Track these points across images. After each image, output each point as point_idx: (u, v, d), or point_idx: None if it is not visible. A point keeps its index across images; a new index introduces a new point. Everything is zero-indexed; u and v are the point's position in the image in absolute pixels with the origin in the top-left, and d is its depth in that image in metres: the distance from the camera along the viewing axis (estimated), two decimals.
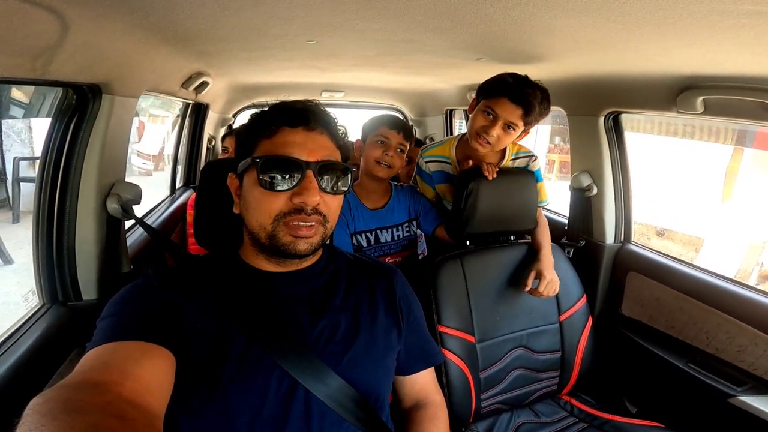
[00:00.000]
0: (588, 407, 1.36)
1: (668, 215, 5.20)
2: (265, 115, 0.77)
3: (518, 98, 1.24)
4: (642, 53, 1.04)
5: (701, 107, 1.21)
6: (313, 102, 0.78)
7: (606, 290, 1.68)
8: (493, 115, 1.28)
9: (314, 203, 0.71)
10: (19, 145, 4.53)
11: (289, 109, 0.76)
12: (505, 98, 1.26)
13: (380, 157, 1.38)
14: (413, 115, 3.29)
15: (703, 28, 0.77)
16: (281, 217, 0.72)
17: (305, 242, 0.73)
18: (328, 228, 0.76)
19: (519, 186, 1.38)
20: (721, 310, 1.30)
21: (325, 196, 0.74)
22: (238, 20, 0.94)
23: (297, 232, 0.72)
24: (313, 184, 0.71)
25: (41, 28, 0.74)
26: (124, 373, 0.56)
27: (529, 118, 1.26)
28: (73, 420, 0.45)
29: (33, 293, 1.20)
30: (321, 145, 0.75)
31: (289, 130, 0.74)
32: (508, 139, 1.32)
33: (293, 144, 0.72)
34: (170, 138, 6.30)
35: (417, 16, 0.89)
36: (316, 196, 0.71)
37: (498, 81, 1.29)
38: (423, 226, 1.53)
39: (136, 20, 0.89)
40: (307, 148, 0.73)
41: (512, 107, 1.25)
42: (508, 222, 1.38)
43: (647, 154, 5.70)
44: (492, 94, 1.29)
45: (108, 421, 0.46)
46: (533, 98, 1.24)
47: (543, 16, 0.82)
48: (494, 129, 1.27)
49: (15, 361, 0.90)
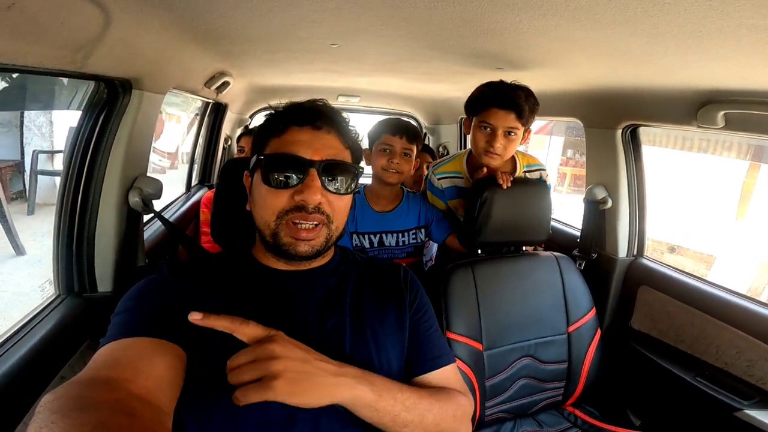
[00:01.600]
0: (592, 419, 1.35)
1: (679, 231, 5.13)
2: (276, 114, 0.78)
3: (506, 103, 1.27)
4: (664, 66, 1.04)
5: (722, 122, 1.20)
6: (322, 101, 0.79)
7: (616, 303, 1.67)
8: (490, 127, 1.30)
9: (315, 202, 0.71)
10: (38, 139, 4.63)
11: (297, 108, 0.77)
12: (493, 108, 1.28)
13: (387, 165, 1.39)
14: (427, 123, 3.30)
15: (729, 42, 0.77)
16: (283, 214, 0.72)
17: (306, 244, 0.72)
18: (333, 229, 0.75)
19: (533, 196, 1.38)
20: (733, 325, 1.29)
21: (330, 196, 0.73)
22: (268, 21, 0.96)
23: (298, 234, 0.71)
24: (315, 182, 0.71)
25: (86, 22, 0.77)
26: (135, 370, 0.56)
27: (523, 119, 1.29)
28: (83, 417, 0.46)
29: (50, 283, 1.22)
30: (327, 144, 0.74)
31: (296, 129, 0.74)
32: (514, 145, 1.34)
33: (299, 143, 0.73)
34: (186, 137, 6.38)
35: (441, 24, 0.90)
36: (316, 194, 0.70)
37: (481, 95, 1.32)
38: (434, 234, 1.52)
39: (173, 17, 0.91)
40: (313, 146, 0.72)
41: (504, 114, 1.28)
42: (520, 232, 1.38)
43: (660, 168, 5.64)
44: (480, 108, 1.32)
45: (117, 419, 0.47)
46: (519, 99, 1.26)
47: (568, 27, 0.82)
48: (497, 140, 1.30)
49: (28, 350, 0.91)
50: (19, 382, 0.86)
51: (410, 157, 1.42)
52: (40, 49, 0.74)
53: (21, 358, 0.88)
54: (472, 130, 1.36)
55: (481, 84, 1.34)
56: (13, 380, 0.84)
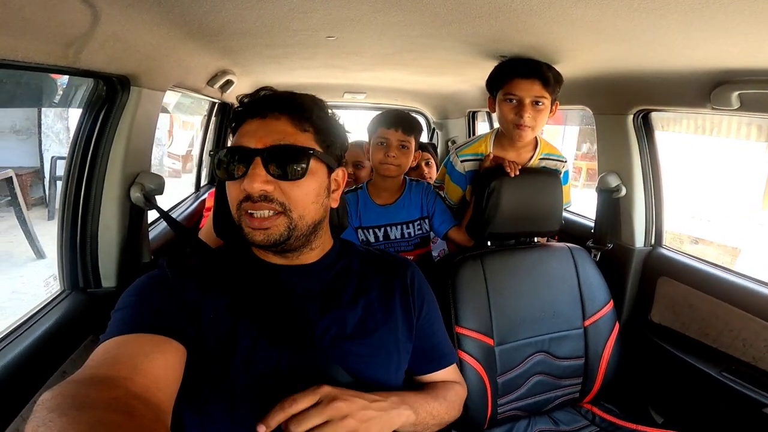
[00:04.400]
0: (611, 416, 1.30)
1: (700, 222, 4.96)
2: (235, 111, 0.78)
3: (528, 72, 1.23)
4: (670, 46, 1.00)
5: (737, 103, 1.15)
6: (269, 89, 0.79)
7: (634, 295, 1.60)
8: (516, 99, 1.26)
9: (255, 190, 0.69)
10: (57, 145, 4.78)
11: (249, 102, 0.77)
12: (516, 78, 1.24)
13: (384, 159, 1.38)
14: (435, 118, 3.27)
15: (734, 14, 0.73)
16: (239, 205, 0.72)
17: (261, 233, 0.71)
18: (295, 218, 0.72)
19: (543, 186, 1.34)
20: (761, 317, 1.22)
21: (282, 183, 0.70)
22: (259, 13, 0.96)
23: (252, 223, 0.71)
24: (256, 170, 0.69)
25: (73, 17, 0.77)
26: (133, 368, 0.56)
27: (548, 87, 1.25)
28: (81, 416, 0.46)
29: (54, 278, 1.24)
30: (274, 130, 0.72)
31: (249, 121, 0.74)
32: (543, 116, 1.29)
33: (247, 133, 0.73)
34: (197, 139, 6.51)
35: (434, 9, 0.88)
36: (256, 182, 0.68)
37: (501, 68, 1.29)
38: (435, 227, 1.49)
39: (162, 13, 0.91)
40: (257, 135, 0.71)
41: (528, 83, 1.24)
42: (531, 222, 1.34)
43: (677, 154, 5.45)
44: (502, 81, 1.28)
45: (115, 417, 0.47)
46: (542, 67, 1.23)
47: (562, 4, 0.80)
48: (525, 111, 1.25)
49: (30, 344, 0.92)
50: (20, 375, 0.86)
51: (408, 149, 1.40)
52: (29, 44, 0.74)
53: (23, 352, 0.89)
54: (498, 106, 1.32)
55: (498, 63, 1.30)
56: (14, 373, 0.85)
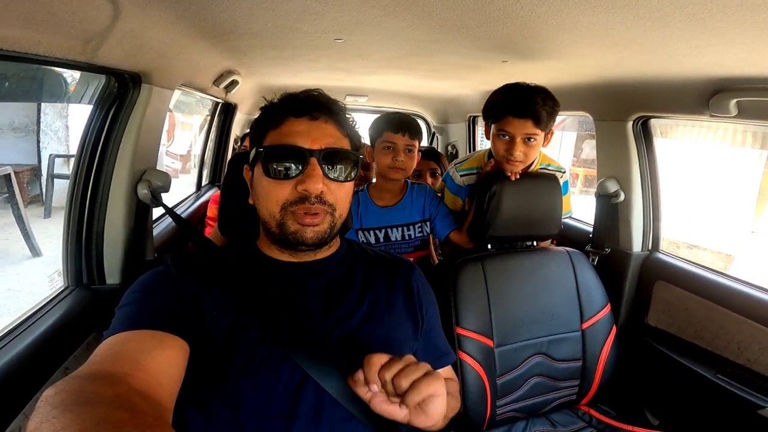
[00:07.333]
0: (608, 418, 1.31)
1: (695, 229, 5.00)
2: (272, 106, 0.79)
3: (522, 112, 1.23)
4: (672, 54, 1.02)
5: (735, 110, 1.17)
6: (317, 91, 0.79)
7: (632, 299, 1.63)
8: (508, 135, 1.28)
9: (317, 191, 0.71)
10: (55, 143, 4.74)
11: (293, 99, 0.77)
12: (509, 116, 1.26)
13: (391, 163, 1.39)
14: (436, 122, 3.29)
15: (734, 24, 0.75)
16: (288, 205, 0.72)
17: (312, 230, 0.73)
18: (336, 217, 0.76)
19: (543, 190, 1.36)
20: (756, 320, 1.24)
21: (331, 184, 0.73)
22: (271, 15, 0.97)
23: (303, 220, 0.72)
24: (316, 171, 0.71)
25: (95, 13, 0.78)
26: (135, 364, 0.56)
27: (541, 125, 1.25)
28: (83, 412, 0.46)
29: (58, 274, 1.23)
30: (325, 133, 0.75)
31: (293, 119, 0.75)
32: (534, 151, 1.31)
33: (297, 133, 0.73)
34: (197, 140, 6.48)
35: (443, 14, 0.90)
36: (319, 183, 0.71)
37: (496, 102, 1.29)
38: (437, 229, 1.50)
39: (180, 11, 0.92)
40: (311, 136, 0.73)
41: (521, 122, 1.24)
42: (531, 226, 1.36)
43: (674, 161, 5.49)
44: (497, 116, 1.29)
45: (117, 414, 0.46)
46: (536, 105, 1.22)
47: (570, 12, 0.81)
48: (516, 148, 1.27)
49: (33, 340, 0.91)
50: (23, 371, 0.86)
51: (413, 153, 1.42)
52: (52, 38, 0.75)
53: (26, 348, 0.89)
54: (492, 138, 1.35)
55: (495, 90, 1.31)
56: (17, 370, 0.85)
